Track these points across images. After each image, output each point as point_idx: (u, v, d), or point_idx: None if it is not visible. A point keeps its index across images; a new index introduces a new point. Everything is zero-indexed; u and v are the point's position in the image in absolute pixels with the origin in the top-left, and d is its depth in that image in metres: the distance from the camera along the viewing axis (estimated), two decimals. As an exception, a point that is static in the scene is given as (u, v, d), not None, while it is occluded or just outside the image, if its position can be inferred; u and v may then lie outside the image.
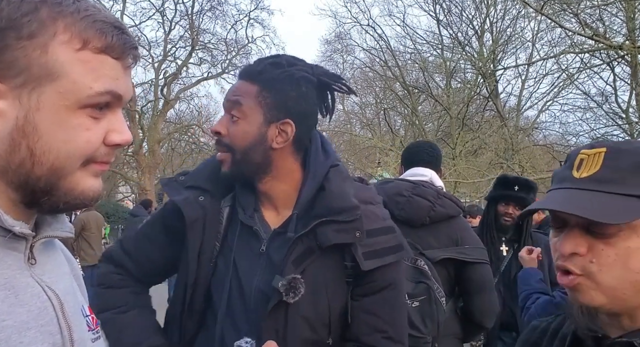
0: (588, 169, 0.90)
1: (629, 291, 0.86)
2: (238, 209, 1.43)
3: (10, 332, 0.67)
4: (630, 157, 0.88)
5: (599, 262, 0.86)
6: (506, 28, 19.31)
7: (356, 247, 1.34)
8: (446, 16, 19.61)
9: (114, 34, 0.73)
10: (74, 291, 0.83)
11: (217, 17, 22.20)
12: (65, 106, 0.70)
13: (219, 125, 1.39)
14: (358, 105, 26.60)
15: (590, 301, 0.88)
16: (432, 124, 21.22)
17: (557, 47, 15.53)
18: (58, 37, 0.69)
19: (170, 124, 24.67)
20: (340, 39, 23.03)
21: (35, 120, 0.69)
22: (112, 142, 0.75)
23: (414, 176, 2.47)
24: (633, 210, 0.84)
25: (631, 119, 14.79)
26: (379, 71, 21.75)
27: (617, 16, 12.82)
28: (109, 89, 0.72)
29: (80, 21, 0.71)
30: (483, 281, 2.36)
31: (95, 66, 0.71)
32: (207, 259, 1.40)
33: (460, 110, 17.07)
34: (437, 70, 20.21)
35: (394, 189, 2.38)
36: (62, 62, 0.70)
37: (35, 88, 0.69)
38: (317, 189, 1.40)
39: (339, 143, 27.26)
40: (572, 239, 0.88)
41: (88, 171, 0.74)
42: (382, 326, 1.39)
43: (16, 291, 0.70)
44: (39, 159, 0.70)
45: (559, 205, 0.88)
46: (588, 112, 16.42)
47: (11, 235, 0.71)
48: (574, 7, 10.96)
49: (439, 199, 2.31)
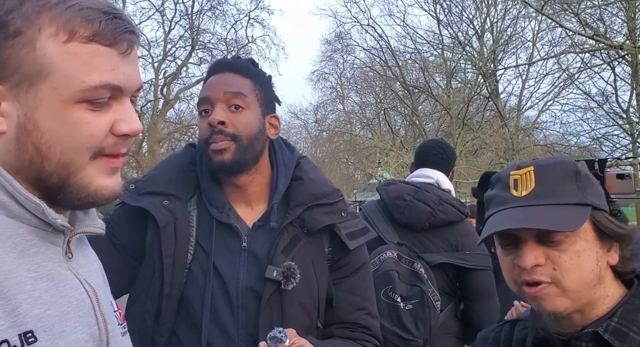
0: (526, 187, 1.00)
1: (585, 289, 0.97)
2: (210, 209, 1.40)
3: (53, 321, 0.70)
4: (555, 171, 1.01)
5: (561, 268, 0.96)
6: (507, 28, 19.31)
7: (340, 229, 1.41)
8: (446, 16, 19.61)
9: (102, 20, 0.70)
10: (105, 285, 0.87)
11: (217, 17, 22.17)
12: (61, 101, 0.69)
13: (220, 115, 1.36)
14: (358, 105, 26.60)
15: (556, 306, 0.97)
16: (433, 124, 21.20)
17: (558, 47, 15.58)
18: (44, 31, 0.68)
19: (170, 124, 24.64)
20: (340, 38, 23.02)
21: (36, 118, 0.69)
22: (120, 132, 0.73)
23: (420, 177, 2.45)
24: (578, 216, 0.96)
25: (632, 119, 14.77)
26: (379, 71, 21.74)
27: (617, 16, 12.81)
28: (104, 81, 0.70)
29: (65, 11, 0.69)
30: (482, 287, 2.36)
31: (86, 58, 0.69)
32: (181, 266, 1.35)
33: (461, 110, 17.06)
34: (438, 70, 20.22)
35: (395, 192, 2.38)
36: (51, 57, 0.68)
37: (30, 86, 0.68)
38: (290, 180, 1.45)
39: (339, 143, 27.26)
40: (530, 252, 0.96)
41: (100, 167, 0.74)
42: (363, 303, 1.46)
43: (57, 282, 0.73)
44: (46, 154, 0.70)
45: (520, 222, 0.96)
46: (588, 112, 16.41)
47: (52, 229, 0.73)
48: (574, 7, 10.95)
49: (440, 204, 2.29)
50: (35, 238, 0.73)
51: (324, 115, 28.57)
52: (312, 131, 30.97)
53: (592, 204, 0.99)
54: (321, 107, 28.06)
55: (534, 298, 0.98)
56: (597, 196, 1.02)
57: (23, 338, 0.66)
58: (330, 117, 28.78)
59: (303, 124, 30.90)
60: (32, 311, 0.68)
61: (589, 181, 1.03)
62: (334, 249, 1.43)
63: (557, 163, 1.03)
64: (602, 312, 1.00)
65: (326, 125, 27.92)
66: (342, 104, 27.66)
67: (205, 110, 1.40)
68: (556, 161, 1.04)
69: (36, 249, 0.72)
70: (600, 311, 1.00)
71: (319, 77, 26.13)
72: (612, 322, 0.97)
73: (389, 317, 2.15)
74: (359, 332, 1.44)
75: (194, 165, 1.47)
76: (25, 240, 0.71)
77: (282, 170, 1.46)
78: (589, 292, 0.98)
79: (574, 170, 1.02)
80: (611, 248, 1.02)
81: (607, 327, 0.97)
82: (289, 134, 32.84)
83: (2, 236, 0.69)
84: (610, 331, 0.96)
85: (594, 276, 0.98)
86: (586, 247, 0.98)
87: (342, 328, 1.44)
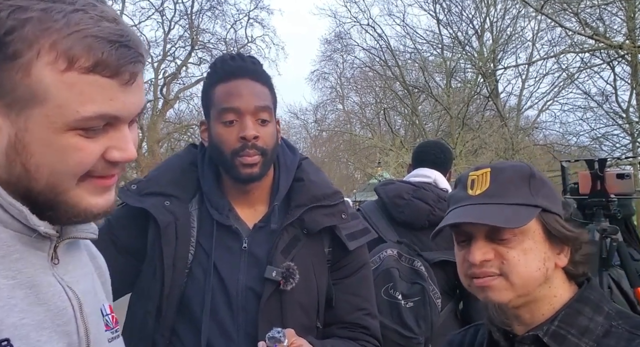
0: (480, 187, 1.06)
1: (531, 285, 1.03)
2: (211, 211, 1.41)
3: (28, 330, 0.68)
4: (509, 173, 1.07)
5: (509, 263, 1.02)
6: (506, 27, 19.31)
7: (340, 230, 1.42)
8: (446, 15, 19.61)
9: (105, 50, 0.66)
10: (94, 290, 0.83)
11: (216, 17, 22.16)
12: (53, 129, 0.67)
13: (254, 130, 1.35)
14: (358, 105, 26.59)
15: (501, 297, 1.03)
16: (432, 124, 21.20)
17: (558, 47, 15.57)
18: (42, 57, 0.65)
19: (170, 123, 24.63)
20: (340, 38, 23.01)
21: (25, 140, 0.67)
22: (112, 159, 0.71)
23: (417, 176, 2.46)
24: (524, 216, 1.02)
25: (631, 119, 14.77)
26: (378, 71, 21.73)
27: (617, 15, 12.81)
28: (98, 112, 0.68)
29: (68, 38, 0.65)
30: None
31: (82, 89, 0.66)
32: (182, 267, 1.36)
33: (461, 110, 17.05)
34: (437, 70, 20.20)
35: (394, 191, 2.38)
36: (47, 85, 0.65)
37: (21, 110, 0.66)
38: (292, 181, 1.45)
39: (339, 143, 27.24)
40: (479, 248, 1.03)
41: (89, 188, 0.72)
42: (363, 304, 1.47)
43: (37, 289, 0.71)
44: (34, 175, 0.69)
45: (468, 218, 1.03)
46: (588, 112, 16.41)
47: (37, 235, 0.71)
48: (574, 7, 10.95)
49: (439, 202, 2.29)
50: (18, 244, 0.71)
51: (324, 115, 28.58)
52: (311, 131, 30.97)
53: (542, 206, 1.04)
54: (321, 107, 28.08)
55: (482, 289, 1.04)
56: (550, 199, 1.06)
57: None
58: (330, 117, 28.80)
59: (303, 123, 30.90)
60: (9, 319, 0.66)
61: (544, 184, 1.07)
62: (333, 250, 1.44)
63: (512, 166, 1.09)
64: (547, 312, 1.05)
65: (326, 125, 27.91)
66: (341, 104, 27.67)
67: (231, 121, 1.37)
68: (512, 164, 1.10)
69: (18, 255, 0.70)
70: (546, 311, 1.05)
71: (319, 77, 26.16)
72: (553, 325, 1.03)
73: (390, 315, 2.14)
74: (359, 332, 1.45)
75: (195, 166, 1.47)
76: (7, 245, 0.70)
77: (284, 171, 1.46)
78: (535, 289, 1.04)
79: (528, 173, 1.07)
80: (562, 251, 1.06)
81: (547, 330, 1.02)
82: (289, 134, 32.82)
83: None
84: (550, 334, 1.02)
85: (540, 275, 1.03)
86: (533, 247, 1.03)
87: (341, 328, 1.44)
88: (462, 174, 1.14)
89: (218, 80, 1.41)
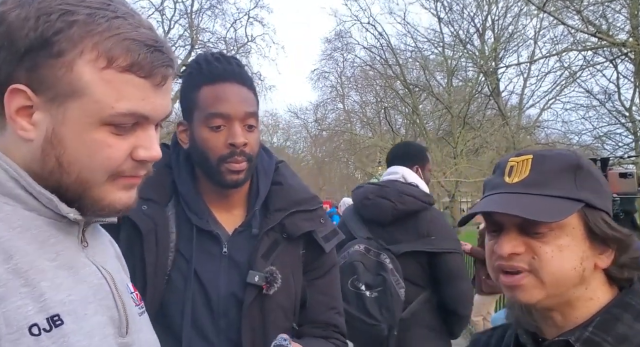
0: (519, 175, 0.98)
1: (563, 286, 0.94)
2: (190, 215, 1.39)
3: (76, 305, 0.75)
4: (553, 162, 0.97)
5: (540, 259, 0.93)
6: (508, 25, 19.26)
7: (316, 233, 1.44)
8: (447, 14, 19.55)
9: (142, 52, 0.74)
10: (120, 270, 0.92)
11: (216, 16, 22.14)
12: (88, 123, 0.74)
13: (243, 137, 1.35)
14: (358, 104, 26.55)
15: (530, 297, 0.94)
16: (433, 123, 21.15)
17: (560, 45, 15.46)
18: (85, 55, 0.73)
19: (170, 123, 24.62)
20: (340, 37, 22.97)
21: (61, 133, 0.74)
22: (138, 157, 0.78)
23: (388, 174, 2.73)
24: (563, 210, 0.92)
25: (634, 117, 14.71)
26: (379, 69, 21.67)
27: (620, 13, 12.70)
28: (131, 110, 0.75)
29: (108, 39, 0.73)
30: (452, 269, 2.49)
31: (118, 86, 0.74)
32: (162, 274, 1.34)
33: (462, 109, 16.99)
34: (438, 69, 20.17)
35: (362, 193, 2.64)
36: (87, 80, 0.73)
37: (62, 103, 0.74)
38: (270, 185, 1.46)
39: (339, 142, 27.21)
40: (509, 240, 0.94)
41: (117, 185, 0.79)
42: (333, 303, 1.51)
43: (76, 269, 0.78)
44: (66, 169, 0.76)
45: (497, 207, 0.95)
46: (591, 111, 16.38)
47: (66, 221, 0.79)
48: (576, 4, 10.86)
49: (400, 197, 2.50)
50: (52, 229, 0.78)
51: (324, 115, 28.55)
52: (312, 130, 30.96)
53: (586, 200, 0.94)
54: (321, 106, 28.04)
55: (510, 288, 0.96)
56: (597, 194, 0.96)
57: (50, 321, 0.72)
58: (331, 116, 28.76)
59: (303, 123, 30.93)
60: (57, 296, 0.74)
61: (591, 177, 0.97)
62: (307, 252, 1.46)
63: (557, 154, 0.99)
64: (582, 315, 0.96)
65: (326, 125, 27.89)
66: (342, 103, 27.60)
67: (218, 126, 1.35)
68: (558, 152, 1.00)
69: (54, 239, 0.78)
70: (581, 314, 0.96)
71: (319, 75, 26.11)
72: (586, 331, 0.94)
73: (356, 305, 2.35)
74: (330, 330, 1.48)
75: (169, 168, 1.44)
76: (44, 231, 0.77)
77: (262, 175, 1.46)
78: (568, 290, 0.95)
79: (575, 163, 0.97)
80: (604, 252, 0.97)
81: (579, 336, 0.93)
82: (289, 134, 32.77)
83: (22, 228, 0.75)
84: (583, 340, 0.93)
85: (575, 274, 0.94)
86: (571, 244, 0.94)
87: (314, 328, 1.47)
88: (501, 159, 1.05)
89: (203, 82, 1.37)
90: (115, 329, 0.81)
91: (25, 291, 0.71)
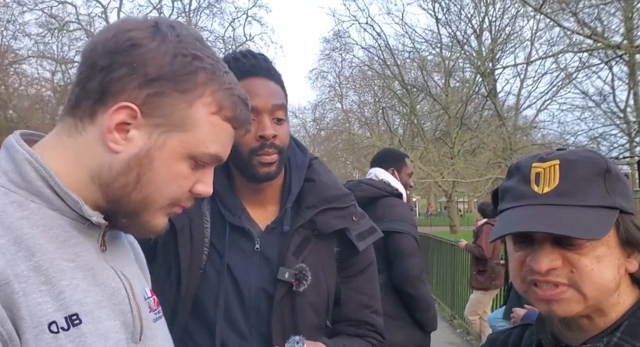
0: (549, 183, 0.90)
1: (604, 297, 0.90)
2: (224, 212, 1.41)
3: (91, 308, 0.77)
4: (584, 167, 0.90)
5: (580, 272, 0.88)
6: (505, 27, 19.35)
7: (350, 232, 1.43)
8: (445, 15, 19.63)
9: (241, 109, 0.86)
10: (139, 274, 0.94)
11: (214, 15, 22.29)
12: (180, 153, 0.82)
13: (272, 129, 1.36)
14: (357, 104, 26.61)
15: (570, 311, 0.89)
16: (431, 123, 21.24)
17: (556, 46, 15.61)
18: (203, 98, 0.82)
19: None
20: (338, 37, 23.05)
21: (154, 156, 0.80)
22: (196, 191, 0.85)
23: (367, 175, 3.00)
24: (603, 221, 0.87)
25: (629, 119, 14.81)
26: (377, 70, 21.75)
27: (615, 15, 12.84)
28: (217, 153, 0.85)
29: (223, 91, 0.84)
30: (401, 248, 2.58)
31: (217, 131, 0.84)
32: (196, 268, 1.37)
33: (459, 110, 17.08)
34: (436, 69, 20.23)
35: None
36: (198, 119, 0.82)
37: (167, 131, 0.81)
38: (303, 182, 1.46)
39: (338, 142, 27.24)
40: (546, 255, 0.89)
41: (165, 211, 0.85)
42: (369, 302, 1.49)
43: (94, 272, 0.80)
44: (140, 187, 0.81)
45: (539, 225, 0.88)
46: (586, 112, 16.44)
47: (88, 224, 0.81)
48: (572, 6, 10.97)
49: (358, 185, 2.70)
50: (74, 230, 0.80)
51: (322, 114, 28.62)
52: (310, 130, 30.99)
53: (620, 207, 0.89)
54: (319, 106, 28.12)
55: (547, 301, 0.90)
56: (626, 198, 0.92)
57: (69, 320, 0.74)
58: (329, 115, 28.84)
59: (301, 122, 30.92)
60: (75, 296, 0.75)
61: (619, 180, 0.92)
62: (342, 249, 1.45)
63: (585, 158, 0.92)
64: (608, 320, 0.93)
65: (324, 124, 27.94)
66: (340, 103, 27.68)
67: None
68: (585, 156, 0.92)
69: (75, 240, 0.79)
70: (607, 319, 0.93)
71: (318, 75, 26.19)
72: (615, 337, 0.90)
73: None
74: (365, 329, 1.47)
75: None
76: (66, 231, 0.79)
77: (295, 171, 1.46)
78: (606, 300, 0.91)
79: (603, 167, 0.91)
80: (632, 254, 0.93)
81: (607, 342, 0.90)
82: (287, 133, 32.49)
83: (46, 226, 0.77)
84: (611, 346, 0.90)
85: (615, 284, 0.90)
86: (607, 253, 0.89)
87: (348, 326, 1.47)
88: (519, 162, 0.96)
89: None
90: (128, 335, 0.82)
91: (45, 288, 0.73)
